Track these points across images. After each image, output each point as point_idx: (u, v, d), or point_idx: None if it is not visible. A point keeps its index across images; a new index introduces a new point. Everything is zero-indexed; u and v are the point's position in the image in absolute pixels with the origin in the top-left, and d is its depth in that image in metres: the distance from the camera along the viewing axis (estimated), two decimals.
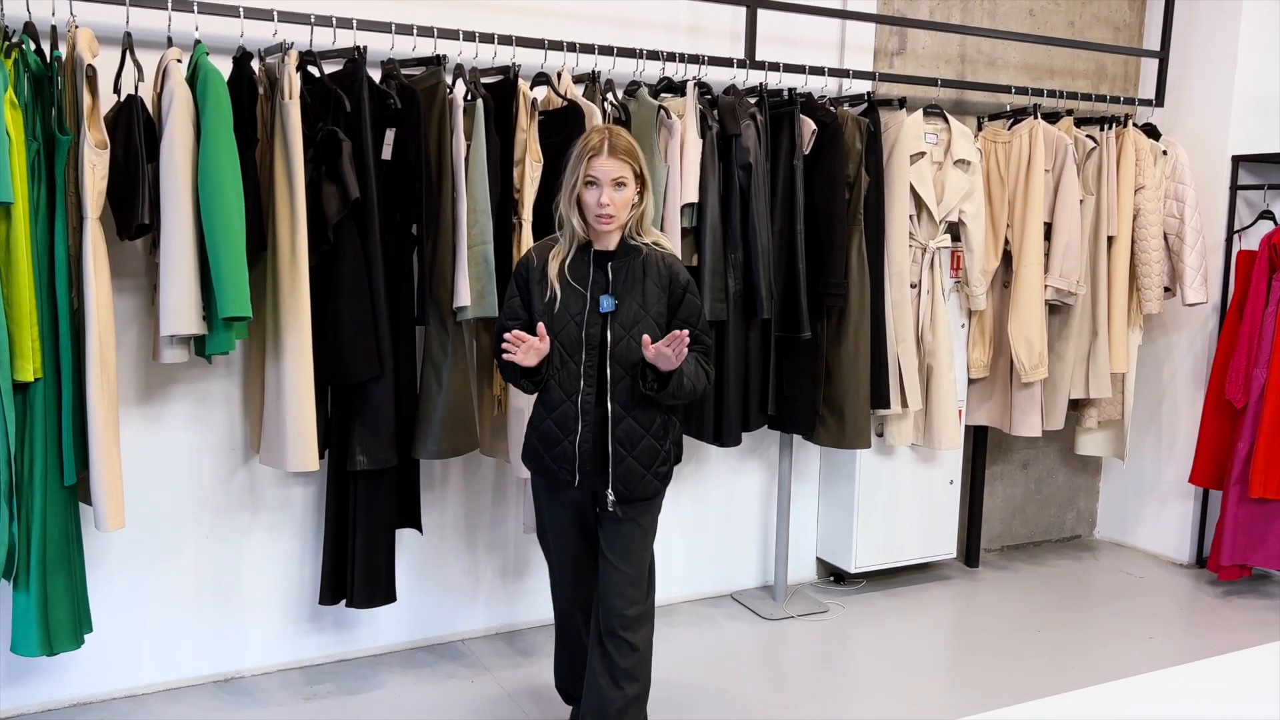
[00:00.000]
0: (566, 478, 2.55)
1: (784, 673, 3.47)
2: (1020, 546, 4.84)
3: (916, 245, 3.86)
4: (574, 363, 2.50)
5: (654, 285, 2.52)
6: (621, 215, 2.49)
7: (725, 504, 4.07)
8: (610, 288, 2.50)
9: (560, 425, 2.53)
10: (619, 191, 2.46)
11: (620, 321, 2.49)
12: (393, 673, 3.36)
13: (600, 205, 2.45)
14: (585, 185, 2.46)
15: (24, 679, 3.01)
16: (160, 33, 2.80)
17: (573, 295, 2.51)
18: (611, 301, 2.49)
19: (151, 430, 3.09)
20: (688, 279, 2.58)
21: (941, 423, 3.94)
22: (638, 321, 2.50)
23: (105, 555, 3.05)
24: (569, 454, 2.53)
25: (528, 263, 2.59)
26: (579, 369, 2.50)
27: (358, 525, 3.05)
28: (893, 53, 4.18)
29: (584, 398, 2.50)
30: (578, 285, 2.51)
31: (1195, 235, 4.25)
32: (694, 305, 2.57)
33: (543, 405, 2.57)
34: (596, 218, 2.47)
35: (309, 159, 2.83)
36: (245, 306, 2.65)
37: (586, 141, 2.48)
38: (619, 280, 2.51)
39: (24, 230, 2.52)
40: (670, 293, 2.54)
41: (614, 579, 2.59)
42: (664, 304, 2.54)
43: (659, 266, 2.54)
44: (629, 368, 2.49)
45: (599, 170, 2.44)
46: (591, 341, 2.49)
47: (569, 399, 2.51)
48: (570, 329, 2.50)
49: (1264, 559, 4.16)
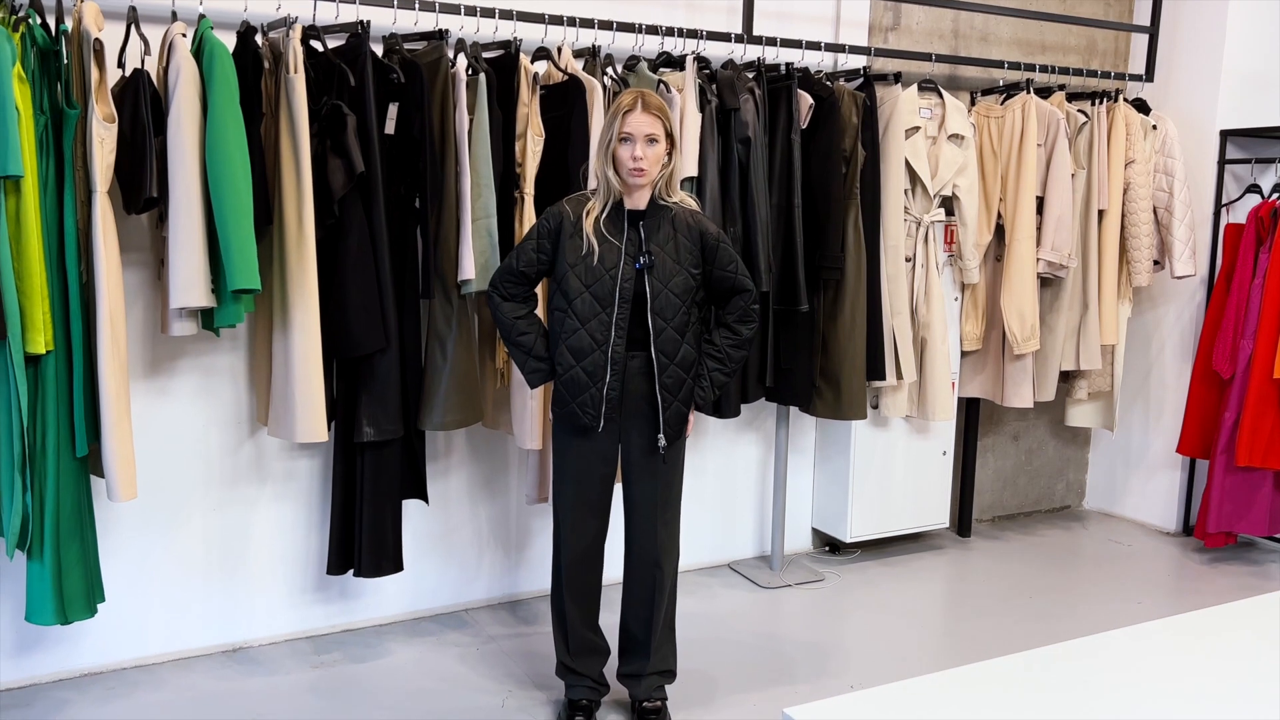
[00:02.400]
0: (590, 423, 2.67)
1: (781, 638, 3.54)
2: (1011, 516, 4.93)
3: (911, 219, 3.91)
4: (605, 314, 2.61)
5: (685, 239, 2.66)
6: (653, 171, 2.60)
7: (723, 476, 4.13)
8: (643, 244, 2.62)
9: (590, 374, 2.65)
10: (651, 147, 2.58)
11: (658, 277, 2.62)
12: (398, 641, 3.42)
13: (634, 159, 2.56)
14: (620, 142, 2.57)
15: (36, 649, 3.05)
16: (165, 7, 2.82)
17: (608, 249, 2.61)
18: (648, 259, 2.61)
19: (159, 404, 3.13)
20: (717, 231, 2.72)
21: (935, 394, 4.01)
22: (673, 276, 2.63)
23: (114, 527, 3.09)
24: (596, 400, 2.65)
25: (560, 214, 2.68)
26: (611, 321, 2.61)
27: (365, 496, 3.09)
28: (887, 28, 4.22)
29: (614, 348, 2.62)
30: (613, 240, 2.62)
31: (1184, 209, 4.32)
32: (728, 253, 2.71)
33: (571, 355, 2.66)
34: (630, 171, 2.57)
35: (314, 133, 2.85)
36: (254, 279, 2.68)
37: (620, 101, 2.60)
38: (651, 237, 2.63)
39: (34, 204, 2.54)
40: (703, 245, 2.67)
41: (652, 517, 2.79)
42: (697, 257, 2.67)
43: (689, 222, 2.67)
44: (669, 319, 2.63)
45: (633, 125, 2.55)
46: (625, 295, 2.61)
47: (599, 348, 2.63)
48: (605, 281, 2.60)
49: (1249, 526, 4.25)
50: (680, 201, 2.71)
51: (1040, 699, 1.51)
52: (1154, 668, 1.62)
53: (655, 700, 2.87)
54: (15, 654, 3.03)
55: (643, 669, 2.86)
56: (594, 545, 2.85)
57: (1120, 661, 1.63)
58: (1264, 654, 1.66)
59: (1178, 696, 1.52)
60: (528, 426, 3.23)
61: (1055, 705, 1.49)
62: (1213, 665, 1.63)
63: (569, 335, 2.66)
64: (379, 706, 3.00)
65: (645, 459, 2.75)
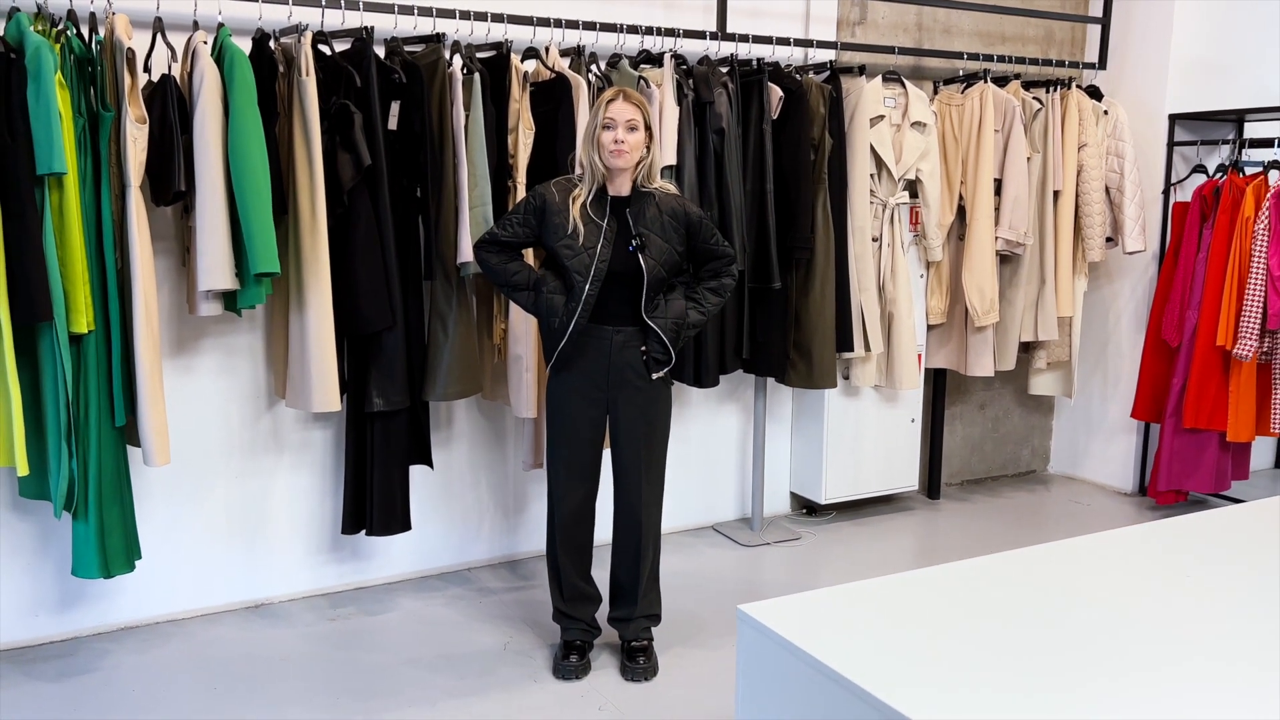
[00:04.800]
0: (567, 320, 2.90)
1: (762, 591, 3.84)
2: (979, 480, 5.24)
3: (877, 202, 4.20)
4: (577, 289, 2.89)
5: (671, 220, 2.94)
6: (634, 155, 2.88)
7: (705, 443, 4.44)
8: (633, 227, 2.91)
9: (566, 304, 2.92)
10: (632, 134, 2.86)
11: (651, 255, 2.90)
12: (407, 596, 3.71)
13: (616, 142, 2.84)
14: (603, 128, 2.85)
15: (77, 605, 3.34)
16: (187, 16, 3.09)
17: (591, 230, 2.89)
18: (639, 240, 2.90)
19: (184, 380, 3.41)
20: (699, 211, 3.03)
21: (902, 365, 4.31)
22: (664, 253, 2.92)
23: (146, 494, 3.38)
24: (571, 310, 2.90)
25: (545, 194, 2.96)
26: (581, 294, 2.88)
27: (375, 462, 3.39)
28: (854, 23, 4.50)
29: (578, 319, 2.89)
30: (596, 221, 2.90)
31: (1134, 189, 4.62)
32: (710, 229, 3.03)
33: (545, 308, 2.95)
34: (611, 153, 2.85)
35: (324, 130, 3.13)
36: (274, 263, 2.97)
37: (603, 95, 2.90)
38: (639, 220, 2.92)
39: (75, 198, 2.82)
40: (688, 224, 2.97)
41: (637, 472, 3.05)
42: (682, 235, 2.97)
43: (673, 205, 2.97)
44: (662, 291, 2.97)
45: (615, 112, 2.85)
46: (599, 274, 2.87)
47: (565, 315, 2.92)
48: (583, 258, 2.88)
49: (1197, 484, 4.56)
50: (660, 187, 2.99)
51: (969, 602, 1.80)
52: (1110, 570, 1.92)
53: (642, 640, 3.18)
54: (59, 610, 3.32)
55: (630, 613, 3.16)
56: (585, 504, 3.14)
57: (1082, 564, 1.93)
58: (1208, 559, 1.97)
59: (1131, 593, 1.82)
60: (524, 397, 3.52)
61: (994, 606, 1.79)
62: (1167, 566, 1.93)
63: (544, 300, 2.94)
64: (390, 653, 3.30)
65: (632, 425, 3.04)
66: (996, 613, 1.75)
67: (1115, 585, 1.88)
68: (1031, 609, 1.77)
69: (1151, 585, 1.88)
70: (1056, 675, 1.51)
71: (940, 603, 1.79)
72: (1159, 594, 1.83)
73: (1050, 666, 1.54)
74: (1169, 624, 1.71)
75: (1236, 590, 1.84)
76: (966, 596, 1.82)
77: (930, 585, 1.88)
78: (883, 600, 1.81)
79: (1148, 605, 1.78)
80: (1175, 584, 1.88)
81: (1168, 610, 1.76)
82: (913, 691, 1.45)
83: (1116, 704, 1.43)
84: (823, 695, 1.53)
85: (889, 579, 1.89)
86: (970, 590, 1.85)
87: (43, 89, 2.70)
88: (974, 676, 1.51)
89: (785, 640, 1.62)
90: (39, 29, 2.83)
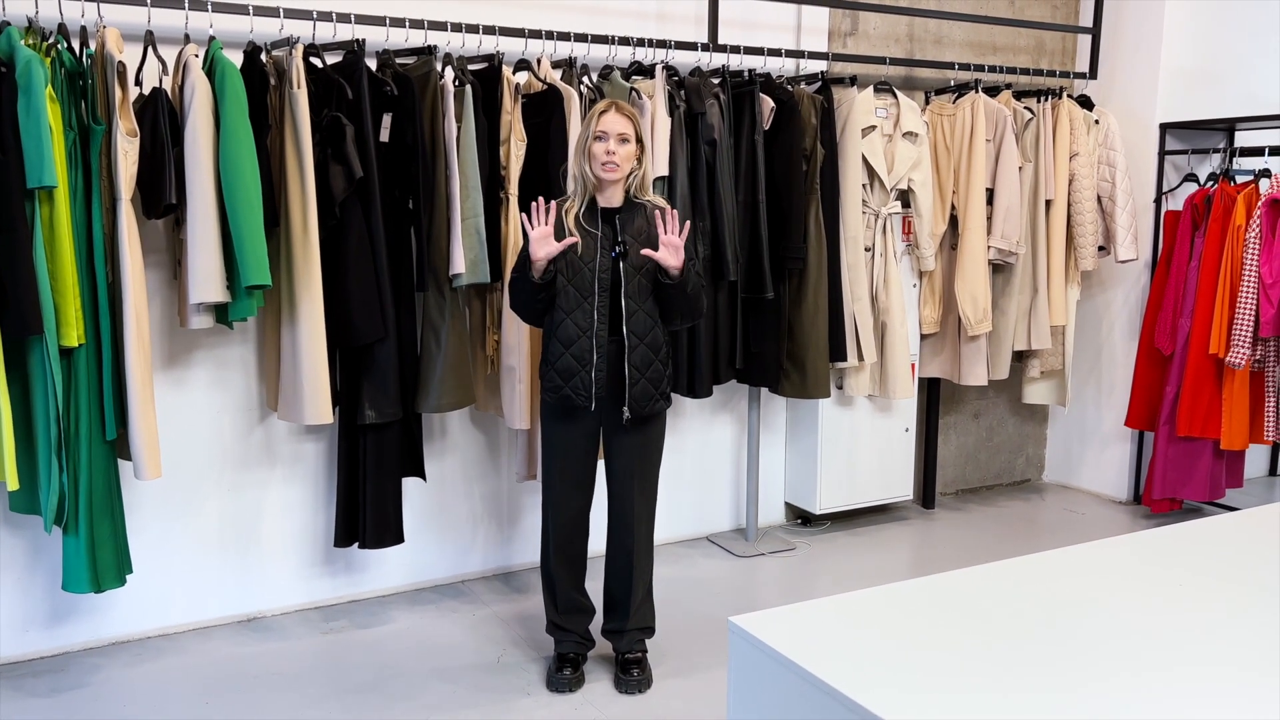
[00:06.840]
0: (584, 404, 2.94)
1: (757, 602, 3.84)
2: (974, 490, 5.24)
3: (870, 212, 4.21)
4: (588, 304, 2.89)
5: (657, 232, 2.92)
6: (625, 167, 2.88)
7: (700, 454, 4.43)
8: (618, 237, 2.90)
9: (578, 359, 2.91)
10: (623, 146, 2.87)
11: (631, 264, 2.90)
12: (400, 609, 3.70)
13: (607, 154, 2.85)
14: (595, 140, 2.86)
15: (68, 620, 3.33)
16: (178, 29, 3.09)
17: (586, 244, 2.89)
18: (623, 248, 2.90)
19: (176, 393, 3.40)
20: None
21: (895, 375, 4.31)
22: (645, 263, 2.91)
23: (138, 508, 3.36)
24: (587, 383, 2.92)
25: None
26: (593, 309, 2.88)
27: (368, 474, 3.38)
28: (845, 34, 4.52)
29: (598, 333, 2.89)
30: (590, 233, 2.90)
31: (1126, 197, 4.63)
32: (690, 245, 3.00)
33: (560, 342, 2.93)
34: (603, 165, 2.85)
35: (316, 142, 3.13)
36: (265, 276, 2.96)
37: (596, 106, 2.90)
38: (625, 229, 2.91)
39: (65, 211, 2.81)
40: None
41: (630, 487, 3.04)
42: None
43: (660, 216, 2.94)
44: (641, 303, 2.92)
45: (606, 125, 2.85)
46: (604, 285, 2.89)
47: (584, 335, 2.90)
48: (584, 274, 2.89)
49: (1192, 492, 4.56)
50: (652, 200, 2.99)
51: (959, 616, 1.80)
52: (1103, 577, 1.91)
53: (636, 652, 3.16)
54: (49, 625, 3.30)
55: (624, 626, 3.15)
56: (579, 516, 3.13)
57: (1072, 571, 1.93)
58: (1203, 567, 1.96)
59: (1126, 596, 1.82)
60: (516, 408, 3.51)
61: (985, 619, 1.78)
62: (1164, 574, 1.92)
63: (557, 326, 2.93)
64: (384, 666, 3.28)
65: (625, 436, 3.04)
66: (991, 623, 1.74)
67: (1110, 594, 1.87)
68: (1026, 619, 1.76)
69: (1146, 594, 1.87)
70: (1051, 685, 1.51)
71: (934, 613, 1.79)
72: (1154, 603, 1.83)
73: (1045, 677, 1.54)
74: (1164, 633, 1.70)
75: (1232, 599, 1.84)
76: (960, 607, 1.81)
77: (923, 596, 1.87)
78: (875, 611, 1.80)
79: (1142, 614, 1.77)
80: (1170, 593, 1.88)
81: (1163, 619, 1.76)
82: (906, 704, 1.44)
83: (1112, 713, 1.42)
84: (815, 708, 1.52)
85: (881, 589, 1.89)
86: (964, 601, 1.84)
87: (33, 103, 2.70)
88: (968, 688, 1.50)
89: (776, 652, 1.61)
90: (30, 43, 2.83)
